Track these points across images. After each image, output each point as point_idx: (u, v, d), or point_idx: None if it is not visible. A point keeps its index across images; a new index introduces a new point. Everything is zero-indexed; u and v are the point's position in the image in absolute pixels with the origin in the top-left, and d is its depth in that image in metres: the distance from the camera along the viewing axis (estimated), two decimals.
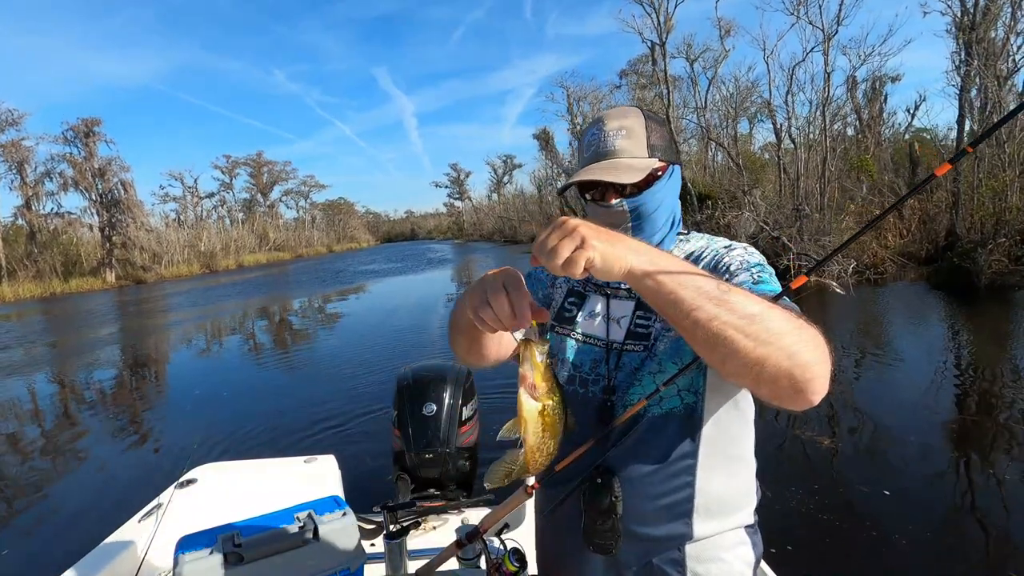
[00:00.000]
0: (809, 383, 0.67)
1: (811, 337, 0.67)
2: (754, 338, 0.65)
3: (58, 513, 4.20)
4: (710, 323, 0.66)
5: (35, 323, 18.15)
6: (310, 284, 23.49)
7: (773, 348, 0.65)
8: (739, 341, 0.65)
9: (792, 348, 0.65)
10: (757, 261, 0.93)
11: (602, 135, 0.96)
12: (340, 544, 1.37)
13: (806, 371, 0.66)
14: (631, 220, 0.96)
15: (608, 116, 0.99)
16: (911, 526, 3.11)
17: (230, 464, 2.48)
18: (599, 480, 0.95)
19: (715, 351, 0.68)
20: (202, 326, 13.99)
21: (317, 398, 6.46)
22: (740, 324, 0.65)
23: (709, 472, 0.95)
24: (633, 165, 0.93)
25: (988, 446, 4.13)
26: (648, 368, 0.94)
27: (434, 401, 2.34)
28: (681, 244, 1.04)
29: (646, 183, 0.95)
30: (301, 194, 64.11)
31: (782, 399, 0.69)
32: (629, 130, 0.96)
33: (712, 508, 0.95)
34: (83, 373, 9.45)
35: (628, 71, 25.17)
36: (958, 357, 6.46)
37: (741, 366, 0.67)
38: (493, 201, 59.71)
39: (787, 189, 14.76)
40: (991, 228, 10.54)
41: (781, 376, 0.66)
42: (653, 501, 0.94)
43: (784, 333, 0.66)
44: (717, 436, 0.95)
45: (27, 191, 32.44)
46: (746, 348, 0.65)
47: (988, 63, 11.77)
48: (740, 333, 0.65)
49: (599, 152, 0.96)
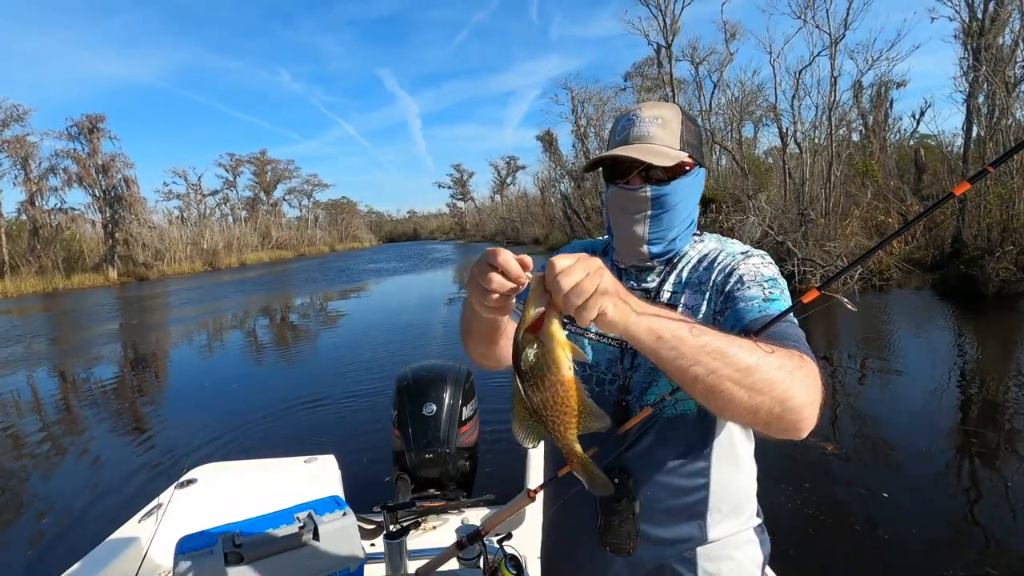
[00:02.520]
0: (797, 424, 0.72)
1: (803, 378, 0.71)
2: (749, 388, 0.69)
3: (58, 513, 4.19)
4: (707, 377, 0.69)
5: (37, 319, 18.20)
6: (313, 282, 23.54)
7: (766, 397, 0.69)
8: (735, 392, 0.69)
9: (784, 395, 0.70)
10: (771, 275, 0.92)
11: (638, 120, 0.96)
12: (340, 544, 1.36)
13: (795, 414, 0.71)
14: (651, 208, 0.96)
15: (645, 105, 0.99)
16: (913, 531, 3.10)
17: (230, 464, 2.47)
18: (616, 480, 0.94)
19: (712, 402, 0.71)
20: (204, 324, 14.00)
21: (317, 398, 6.46)
22: (736, 377, 0.69)
23: (721, 472, 0.96)
24: (665, 152, 0.93)
25: (993, 454, 4.10)
26: None
27: (434, 401, 2.33)
28: (695, 244, 1.04)
29: (673, 174, 0.95)
30: (304, 193, 64.32)
31: (772, 434, 0.75)
32: (665, 120, 0.96)
33: (724, 508, 0.97)
34: (84, 370, 9.46)
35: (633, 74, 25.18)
36: (964, 365, 6.42)
37: (737, 414, 0.71)
38: (496, 202, 59.80)
39: (792, 194, 14.72)
40: (998, 235, 10.49)
41: (773, 420, 0.71)
42: (669, 502, 0.95)
43: (777, 382, 0.70)
44: (729, 437, 0.97)
45: (31, 187, 32.56)
46: (741, 399, 0.69)
47: (996, 69, 11.73)
48: (736, 385, 0.69)
49: (633, 136, 0.95)
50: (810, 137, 15.60)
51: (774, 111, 15.95)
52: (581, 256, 0.67)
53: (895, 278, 11.70)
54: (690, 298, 0.97)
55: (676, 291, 0.99)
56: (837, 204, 13.84)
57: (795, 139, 15.33)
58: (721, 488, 0.96)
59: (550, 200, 38.50)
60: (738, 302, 0.88)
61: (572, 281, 0.64)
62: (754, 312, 0.86)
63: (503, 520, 1.18)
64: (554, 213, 35.74)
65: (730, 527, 0.98)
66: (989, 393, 5.38)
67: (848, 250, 11.70)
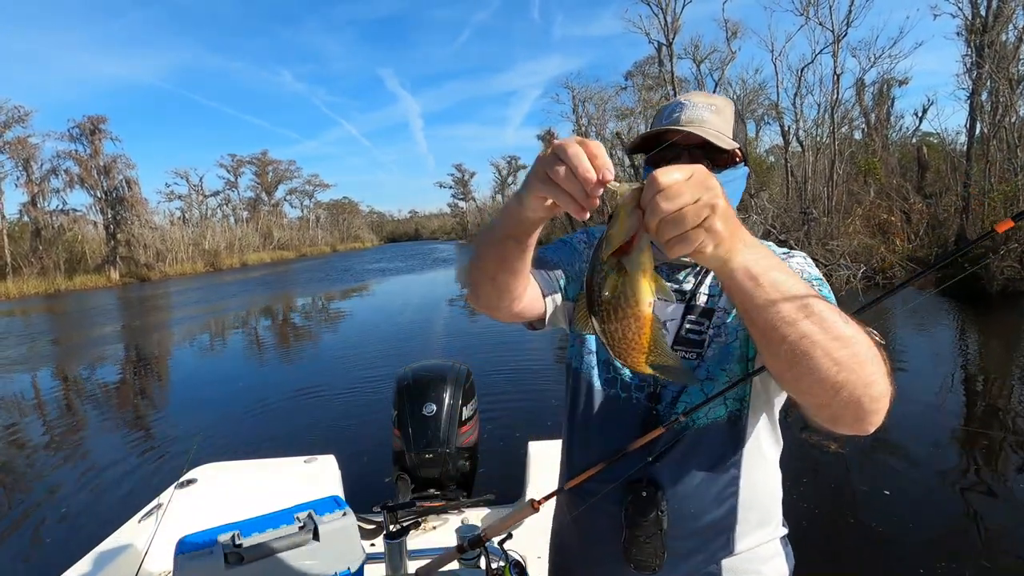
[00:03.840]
0: (872, 415, 0.64)
1: (883, 366, 0.63)
2: (839, 363, 0.60)
3: (59, 513, 4.19)
4: (800, 340, 0.59)
5: (39, 320, 18.24)
6: (316, 282, 23.55)
7: (855, 376, 0.60)
8: (822, 363, 0.60)
9: (870, 378, 0.61)
10: (817, 275, 0.87)
11: (690, 105, 0.90)
12: (340, 544, 1.36)
13: (875, 402, 0.62)
14: None
15: (696, 93, 0.94)
16: (915, 530, 3.08)
17: (230, 464, 2.47)
18: (643, 493, 0.89)
19: (794, 368, 0.62)
20: (205, 324, 14.02)
21: (318, 398, 6.45)
22: (831, 347, 0.59)
23: (751, 482, 0.91)
24: (722, 136, 0.88)
25: (998, 453, 4.08)
26: (697, 376, 0.90)
27: (434, 401, 2.33)
28: None
29: (723, 164, 0.90)
30: (305, 193, 64.36)
31: (837, 423, 0.65)
32: (719, 108, 0.91)
33: (752, 518, 0.92)
34: (85, 371, 9.47)
35: (634, 72, 25.14)
36: (967, 364, 6.40)
37: (817, 387, 0.62)
38: (497, 202, 59.78)
39: (794, 192, 14.69)
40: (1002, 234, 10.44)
41: (851, 404, 0.62)
42: (698, 516, 0.90)
43: (867, 360, 0.61)
44: (758, 444, 0.92)
45: (33, 188, 32.63)
46: (828, 372, 0.60)
47: (1000, 66, 11.69)
48: (827, 357, 0.60)
49: (684, 119, 0.89)
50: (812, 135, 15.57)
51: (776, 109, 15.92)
52: (696, 170, 0.55)
53: (898, 277, 11.66)
54: (729, 301, 0.90)
55: (714, 294, 0.93)
56: (839, 202, 13.82)
57: (797, 137, 15.30)
58: (750, 497, 0.91)
59: None
60: None
61: (675, 206, 0.54)
62: None
63: (505, 529, 1.17)
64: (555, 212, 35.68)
65: (757, 538, 0.93)
66: (993, 392, 5.35)
67: (851, 249, 11.67)
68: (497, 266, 0.82)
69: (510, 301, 0.88)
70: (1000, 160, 11.63)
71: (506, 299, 0.87)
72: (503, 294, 0.86)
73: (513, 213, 0.73)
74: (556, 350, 7.55)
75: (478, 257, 0.86)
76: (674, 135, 0.87)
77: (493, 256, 0.82)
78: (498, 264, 0.82)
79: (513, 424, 4.86)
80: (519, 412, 5.30)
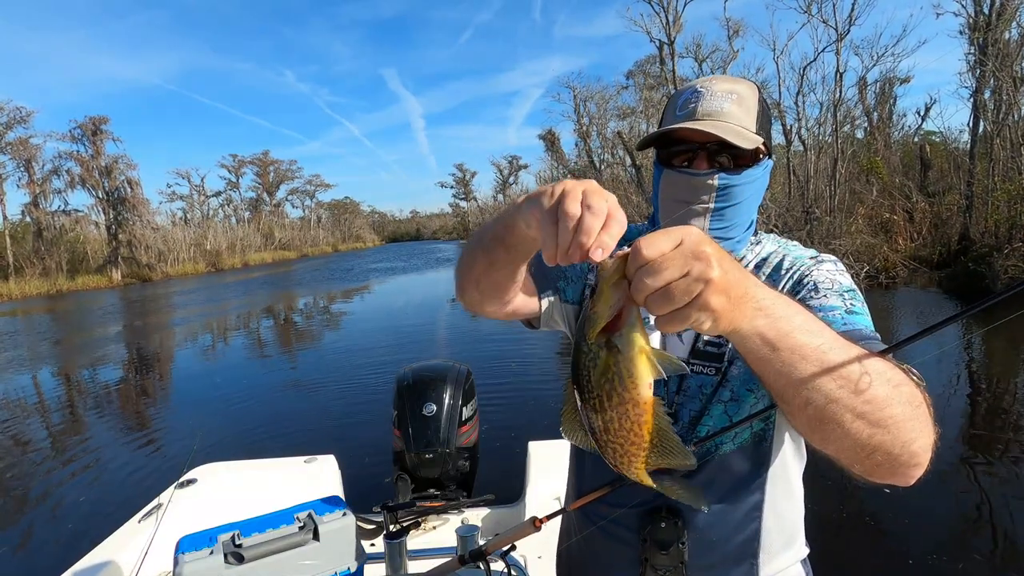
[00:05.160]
0: (912, 469, 0.57)
1: (925, 416, 0.57)
2: (874, 424, 0.54)
3: (59, 513, 4.19)
4: (825, 406, 0.54)
5: (41, 320, 18.28)
6: (318, 282, 23.58)
7: (891, 436, 0.54)
8: (852, 427, 0.54)
9: (909, 435, 0.55)
10: (849, 285, 0.80)
11: (708, 93, 0.81)
12: (340, 544, 1.35)
13: (914, 458, 0.56)
14: (716, 200, 0.81)
15: (716, 78, 0.84)
16: (917, 530, 3.07)
17: (230, 464, 2.46)
18: (663, 524, 0.83)
19: (817, 432, 0.56)
20: (206, 324, 14.03)
21: (318, 398, 6.46)
22: (862, 410, 0.53)
23: (775, 505, 0.86)
24: (743, 133, 0.78)
25: (1003, 453, 4.06)
26: (720, 396, 0.83)
27: (434, 401, 2.32)
28: (752, 247, 0.92)
29: (745, 162, 0.81)
30: (307, 193, 64.49)
31: (871, 477, 0.59)
32: (742, 97, 0.81)
33: (775, 545, 0.87)
34: (87, 371, 9.49)
35: (635, 72, 25.14)
36: (972, 364, 6.37)
37: (843, 450, 0.57)
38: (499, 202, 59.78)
39: (796, 191, 14.66)
40: (1006, 232, 10.41)
41: (886, 462, 0.57)
42: (721, 544, 0.85)
43: (905, 420, 0.55)
44: (783, 464, 0.87)
45: (34, 188, 32.72)
46: (859, 434, 0.54)
47: (1004, 64, 11.65)
48: (859, 419, 0.54)
49: (702, 111, 0.79)
50: (814, 134, 15.54)
51: (778, 108, 15.87)
52: (687, 235, 0.47)
53: (902, 276, 11.63)
54: None
55: None
56: (842, 202, 13.78)
57: (799, 136, 15.26)
58: (774, 521, 0.86)
59: None
60: (815, 312, 0.73)
61: (660, 282, 0.46)
62: (837, 325, 0.71)
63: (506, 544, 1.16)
64: None
65: (782, 562, 0.88)
66: (998, 392, 5.33)
67: (854, 248, 11.64)
68: (483, 271, 0.79)
69: (496, 305, 0.85)
70: (1004, 158, 11.59)
71: (490, 304, 0.84)
72: (487, 299, 0.83)
73: (508, 219, 0.69)
74: (557, 350, 7.55)
75: (466, 258, 0.82)
76: (689, 133, 0.79)
77: (481, 260, 0.78)
78: (484, 269, 0.78)
79: (513, 424, 4.85)
80: (519, 412, 5.29)
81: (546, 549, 1.84)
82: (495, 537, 1.17)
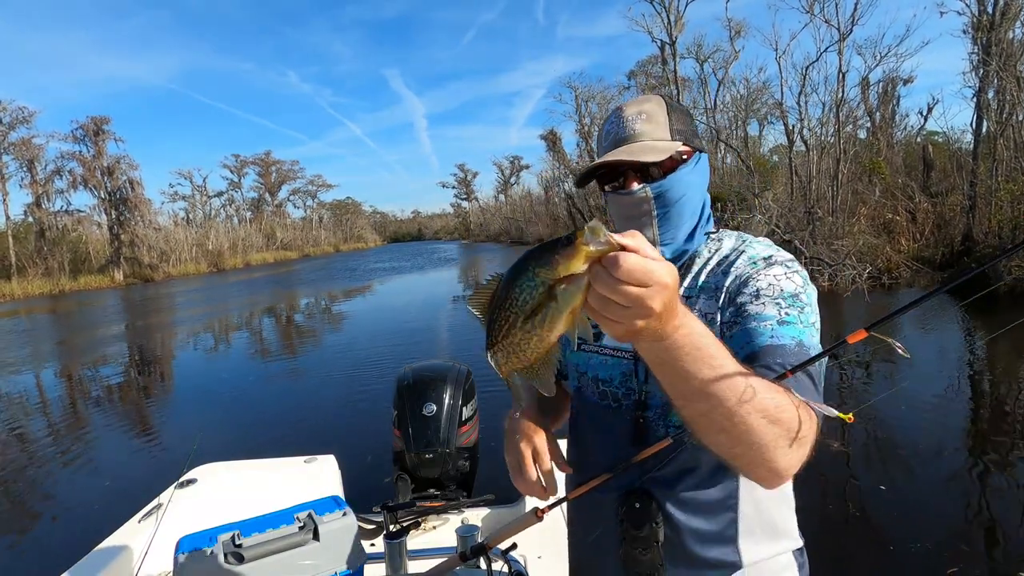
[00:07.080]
0: (770, 482, 0.70)
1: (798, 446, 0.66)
2: (736, 440, 0.65)
3: (58, 512, 4.20)
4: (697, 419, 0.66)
5: (43, 320, 18.34)
6: (320, 282, 23.63)
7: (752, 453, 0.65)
8: (716, 438, 0.66)
9: (770, 459, 0.66)
10: (791, 291, 0.82)
11: (621, 121, 0.92)
12: (340, 544, 1.35)
13: (775, 476, 0.68)
14: (656, 208, 0.90)
15: (627, 104, 0.95)
16: (919, 530, 3.05)
17: (230, 464, 2.45)
18: (637, 505, 0.88)
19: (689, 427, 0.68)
20: (208, 324, 14.07)
21: (318, 398, 6.46)
22: (727, 427, 0.64)
23: (751, 494, 0.88)
24: (655, 146, 0.89)
25: (1005, 454, 4.04)
26: None
27: (434, 401, 2.31)
28: (710, 244, 0.95)
29: (671, 166, 0.90)
30: (309, 193, 64.63)
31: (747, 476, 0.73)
32: (649, 114, 0.91)
33: (757, 531, 0.89)
34: (88, 371, 9.51)
35: (637, 72, 25.14)
36: (974, 364, 6.35)
37: (709, 447, 0.68)
38: (500, 202, 59.81)
39: (799, 191, 14.62)
40: (1009, 233, 10.38)
41: (745, 470, 0.70)
42: (697, 526, 0.88)
43: (767, 447, 0.65)
44: None
45: (37, 189, 32.82)
46: (720, 444, 0.66)
47: (1007, 64, 11.61)
48: (723, 433, 0.65)
49: (619, 138, 0.91)
50: (817, 134, 15.51)
51: (780, 108, 15.85)
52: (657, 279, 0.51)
53: (904, 277, 11.59)
54: (705, 304, 0.88)
55: (691, 295, 0.91)
56: (844, 202, 13.74)
57: (801, 136, 15.22)
58: (752, 508, 0.88)
59: (554, 199, 38.50)
60: (748, 320, 0.80)
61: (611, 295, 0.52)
62: (764, 337, 0.77)
63: (508, 537, 1.16)
64: (558, 212, 35.72)
65: (768, 550, 0.90)
66: (1000, 393, 5.31)
67: (856, 248, 11.62)
68: None
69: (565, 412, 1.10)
70: (1007, 158, 11.55)
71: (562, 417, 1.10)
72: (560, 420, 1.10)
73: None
74: None
75: None
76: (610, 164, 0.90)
77: None
78: None
79: None
80: None
81: (547, 549, 1.83)
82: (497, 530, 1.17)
